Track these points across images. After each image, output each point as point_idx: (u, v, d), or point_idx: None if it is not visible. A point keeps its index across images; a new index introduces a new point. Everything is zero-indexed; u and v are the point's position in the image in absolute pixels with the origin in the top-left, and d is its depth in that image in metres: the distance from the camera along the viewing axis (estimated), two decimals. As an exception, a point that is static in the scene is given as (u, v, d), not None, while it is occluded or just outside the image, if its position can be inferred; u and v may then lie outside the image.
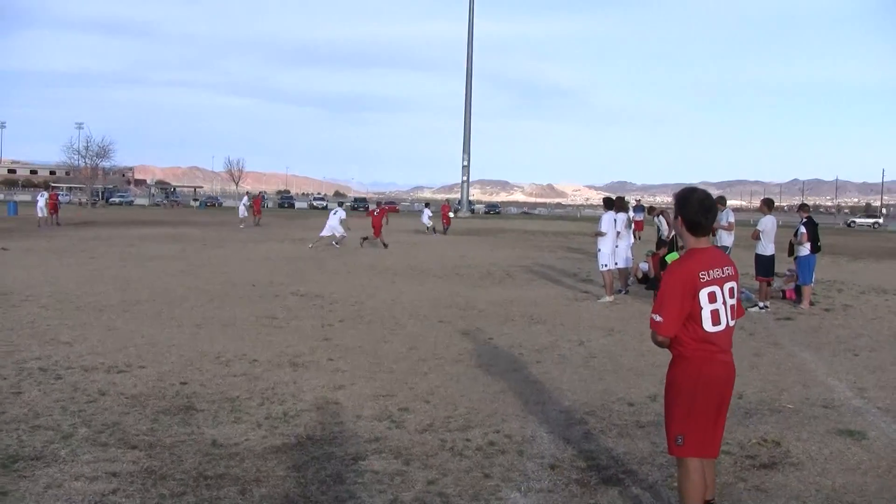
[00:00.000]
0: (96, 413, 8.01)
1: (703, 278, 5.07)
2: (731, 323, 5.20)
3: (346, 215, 34.44)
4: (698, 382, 5.12)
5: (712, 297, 5.08)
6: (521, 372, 10.40)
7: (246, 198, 56.26)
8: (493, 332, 13.18)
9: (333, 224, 33.07)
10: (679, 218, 5.27)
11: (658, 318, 5.15)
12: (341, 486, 6.22)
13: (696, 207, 5.21)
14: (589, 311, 16.03)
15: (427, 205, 53.20)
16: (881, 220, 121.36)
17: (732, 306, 5.21)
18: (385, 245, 32.55)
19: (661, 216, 20.39)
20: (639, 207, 35.89)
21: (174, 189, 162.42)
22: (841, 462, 7.11)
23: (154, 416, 7.95)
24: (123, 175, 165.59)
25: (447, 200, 55.86)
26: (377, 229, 33.44)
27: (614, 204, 18.78)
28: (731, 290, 5.20)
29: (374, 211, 36.19)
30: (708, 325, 5.09)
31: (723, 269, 5.17)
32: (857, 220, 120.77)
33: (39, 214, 44.99)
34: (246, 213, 51.28)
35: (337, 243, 32.73)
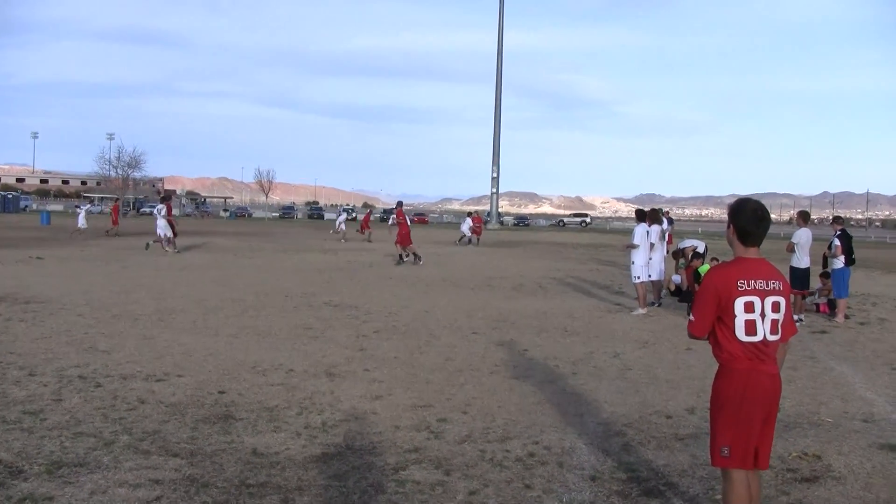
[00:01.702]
0: (137, 421, 8.07)
1: (742, 287, 5.07)
2: (772, 337, 5.12)
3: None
4: (745, 393, 5.07)
5: (749, 307, 5.06)
6: (557, 383, 10.38)
7: (344, 214, 55.86)
8: (527, 344, 13.17)
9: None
10: (731, 226, 5.26)
11: (691, 317, 5.28)
12: (383, 496, 6.23)
13: (749, 216, 5.19)
14: (623, 324, 15.99)
15: (469, 214, 51.81)
16: (588, 220, 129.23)
17: (775, 321, 5.13)
18: (402, 258, 30.60)
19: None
20: (668, 220, 35.74)
21: (204, 200, 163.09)
22: (884, 476, 7.05)
23: (194, 425, 8.00)
24: (153, 186, 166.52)
25: (475, 211, 55.18)
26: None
27: (647, 216, 18.72)
28: (776, 304, 5.11)
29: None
30: (741, 334, 5.07)
31: (768, 282, 5.12)
32: (566, 220, 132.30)
33: (80, 225, 41.96)
34: (344, 227, 49.67)
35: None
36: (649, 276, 18.15)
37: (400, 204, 35.01)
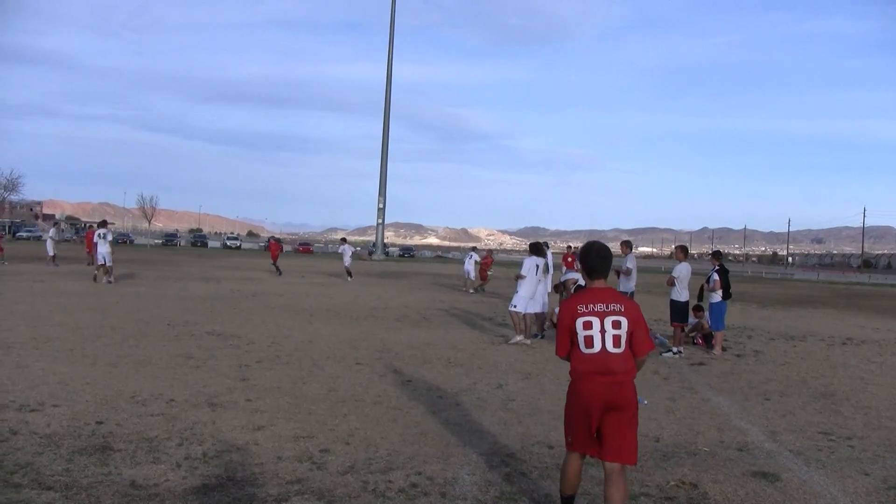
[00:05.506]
0: (8, 453, 7.81)
1: (581, 310, 6.20)
2: (614, 350, 6.09)
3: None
4: (576, 396, 6.17)
5: (587, 325, 6.13)
6: (440, 414, 10.42)
7: (474, 254, 42.15)
8: (411, 375, 13.20)
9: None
10: (581, 266, 6.58)
11: (556, 342, 6.43)
12: (264, 528, 6.17)
13: (594, 256, 6.48)
14: (506, 355, 16.12)
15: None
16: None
17: (617, 336, 6.11)
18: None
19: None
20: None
21: (85, 225, 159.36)
22: (756, 503, 7.26)
23: (69, 457, 7.78)
24: (31, 209, 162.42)
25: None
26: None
27: (538, 249, 18.95)
28: (616, 322, 6.13)
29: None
30: (582, 348, 6.14)
31: (608, 305, 6.20)
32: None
33: None
34: (473, 274, 39.82)
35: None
36: (526, 308, 18.26)
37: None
